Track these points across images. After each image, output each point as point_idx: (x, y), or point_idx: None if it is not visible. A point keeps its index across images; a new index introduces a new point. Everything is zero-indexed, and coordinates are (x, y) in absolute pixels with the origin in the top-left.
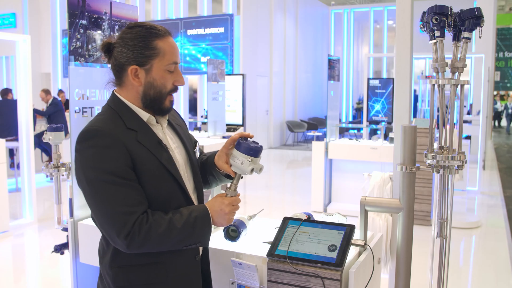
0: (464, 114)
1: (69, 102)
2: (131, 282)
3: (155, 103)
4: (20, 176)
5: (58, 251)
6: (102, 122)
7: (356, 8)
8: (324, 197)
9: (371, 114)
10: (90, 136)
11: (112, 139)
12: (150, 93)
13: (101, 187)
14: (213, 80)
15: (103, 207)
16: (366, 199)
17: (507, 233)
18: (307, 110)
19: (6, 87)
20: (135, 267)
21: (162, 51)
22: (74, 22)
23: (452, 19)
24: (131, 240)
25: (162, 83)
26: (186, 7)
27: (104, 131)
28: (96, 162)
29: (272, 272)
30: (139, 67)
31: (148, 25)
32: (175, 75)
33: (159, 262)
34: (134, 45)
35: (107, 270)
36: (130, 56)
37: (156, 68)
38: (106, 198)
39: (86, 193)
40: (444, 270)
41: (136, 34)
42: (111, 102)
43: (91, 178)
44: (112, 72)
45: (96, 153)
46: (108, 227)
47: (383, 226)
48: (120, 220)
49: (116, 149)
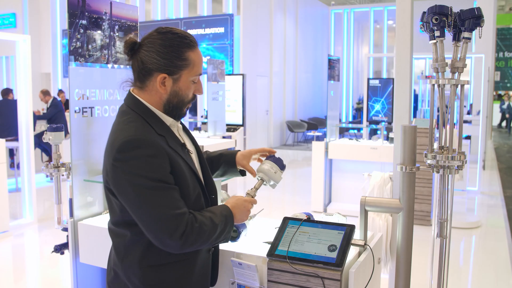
0: (464, 114)
1: (69, 102)
2: (162, 280)
3: (176, 110)
4: (20, 176)
5: (58, 251)
6: (139, 130)
7: (356, 8)
8: (324, 197)
9: (371, 114)
10: (134, 146)
11: (156, 149)
12: (174, 101)
13: (150, 194)
14: (213, 80)
15: (153, 212)
16: (366, 199)
17: (507, 233)
18: (307, 110)
19: (6, 87)
20: (166, 266)
21: (192, 63)
22: (74, 22)
23: (452, 19)
24: (185, 239)
25: (186, 93)
26: (186, 7)
27: (147, 140)
28: (144, 171)
29: (272, 272)
30: (168, 75)
31: (180, 33)
32: (197, 85)
33: (186, 258)
34: (167, 53)
35: (134, 270)
36: (160, 64)
37: (184, 79)
38: (157, 204)
39: (130, 200)
40: (444, 270)
41: (169, 42)
42: (133, 106)
43: (139, 185)
44: (133, 72)
45: (142, 163)
46: (159, 230)
47: (383, 226)
48: (173, 223)
49: (161, 158)
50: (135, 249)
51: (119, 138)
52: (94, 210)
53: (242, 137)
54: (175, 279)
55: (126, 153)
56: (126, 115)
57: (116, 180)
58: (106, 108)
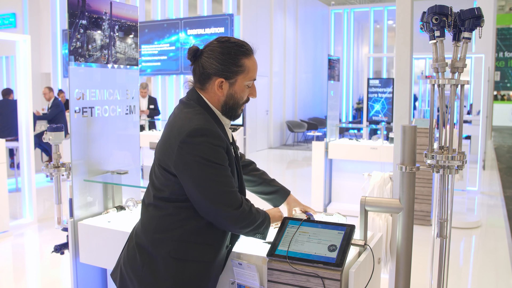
0: (464, 114)
1: (69, 102)
2: (189, 256)
3: (232, 111)
4: (20, 176)
5: (58, 251)
6: (208, 122)
7: (356, 8)
8: (324, 197)
9: (371, 114)
10: (204, 134)
11: (221, 140)
12: (230, 103)
13: (214, 173)
14: None
15: (216, 188)
16: (366, 199)
17: (507, 233)
18: (307, 110)
19: (6, 87)
20: (195, 245)
21: (247, 69)
22: (74, 22)
23: (452, 19)
24: (242, 211)
25: (241, 96)
26: (186, 7)
27: (214, 131)
28: (209, 155)
29: (272, 272)
30: (225, 80)
31: (237, 42)
32: (251, 89)
33: (212, 244)
34: (224, 59)
35: (166, 242)
36: (218, 69)
37: (239, 83)
38: (220, 182)
39: (195, 177)
40: (444, 270)
41: (227, 50)
42: (197, 101)
43: (205, 165)
44: (193, 75)
45: (209, 148)
46: (222, 202)
47: (383, 226)
48: (234, 197)
49: (223, 148)
50: (173, 223)
51: (190, 125)
52: (94, 210)
53: (242, 137)
54: (199, 260)
55: (195, 138)
56: (192, 107)
57: (181, 160)
58: (106, 108)
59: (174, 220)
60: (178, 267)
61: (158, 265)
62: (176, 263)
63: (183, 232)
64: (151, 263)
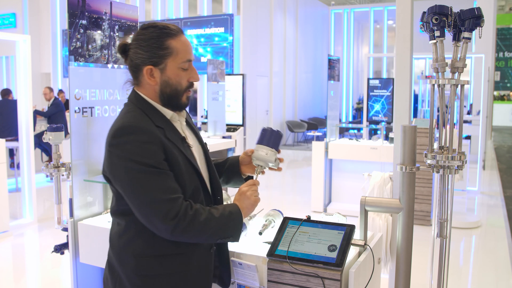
0: (464, 114)
1: (69, 102)
2: (155, 271)
3: (173, 100)
4: (20, 176)
5: (58, 251)
6: (136, 118)
7: (356, 8)
8: (324, 197)
9: (371, 114)
10: (129, 132)
11: (150, 135)
12: (167, 91)
13: (143, 178)
14: (213, 80)
15: (146, 196)
16: (366, 199)
17: (507, 233)
18: (307, 110)
19: (6, 87)
20: (159, 257)
21: (175, 50)
22: (74, 22)
23: (452, 19)
24: (176, 224)
25: (177, 80)
26: (186, 7)
27: (140, 127)
28: (136, 156)
29: (272, 272)
30: (154, 67)
31: (160, 25)
32: (190, 72)
33: (181, 253)
34: (148, 46)
35: (129, 259)
36: (145, 57)
37: (170, 67)
38: (150, 188)
39: (124, 184)
40: (444, 270)
41: (150, 35)
42: (134, 100)
43: (132, 169)
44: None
45: (136, 148)
46: (152, 214)
47: (383, 226)
48: (165, 206)
49: (155, 144)
50: (130, 238)
51: (115, 125)
52: (94, 210)
53: (242, 137)
54: (168, 273)
55: (120, 138)
56: (126, 106)
57: (111, 165)
58: (106, 108)
59: (132, 234)
60: (146, 284)
61: (126, 284)
62: (142, 280)
63: (142, 246)
64: (121, 283)
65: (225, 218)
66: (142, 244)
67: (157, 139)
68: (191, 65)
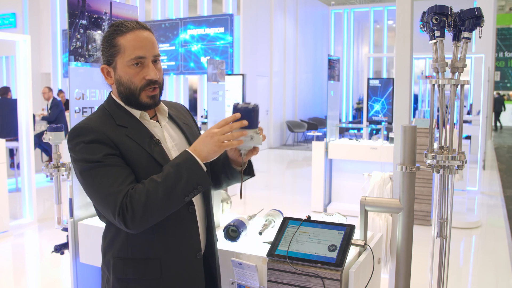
0: (464, 114)
1: (69, 102)
2: (128, 275)
3: (130, 99)
4: (20, 176)
5: (58, 251)
6: (89, 120)
7: (356, 8)
8: (324, 197)
9: (371, 114)
10: (77, 134)
11: (96, 135)
12: (121, 90)
13: (91, 176)
14: (213, 80)
15: (97, 194)
16: (366, 199)
17: (507, 233)
18: (307, 110)
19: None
20: (131, 261)
21: (123, 48)
22: (74, 22)
23: (452, 19)
24: (123, 216)
25: (128, 79)
26: (186, 7)
27: (88, 128)
28: (83, 155)
29: (272, 272)
30: (107, 65)
31: (117, 23)
32: (144, 68)
33: (155, 258)
34: (103, 45)
35: (109, 260)
36: (101, 56)
37: (120, 65)
38: (98, 185)
39: (82, 186)
40: (444, 270)
41: (105, 34)
42: (105, 102)
43: (82, 170)
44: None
45: (82, 148)
46: (106, 211)
47: (383, 226)
48: (112, 200)
49: (100, 142)
50: (110, 240)
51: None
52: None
53: None
54: (140, 277)
55: (71, 141)
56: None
57: (73, 168)
58: None
59: (111, 236)
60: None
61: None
62: (120, 283)
63: (119, 248)
64: (108, 284)
65: (173, 174)
66: (119, 247)
67: (103, 136)
68: (146, 62)
